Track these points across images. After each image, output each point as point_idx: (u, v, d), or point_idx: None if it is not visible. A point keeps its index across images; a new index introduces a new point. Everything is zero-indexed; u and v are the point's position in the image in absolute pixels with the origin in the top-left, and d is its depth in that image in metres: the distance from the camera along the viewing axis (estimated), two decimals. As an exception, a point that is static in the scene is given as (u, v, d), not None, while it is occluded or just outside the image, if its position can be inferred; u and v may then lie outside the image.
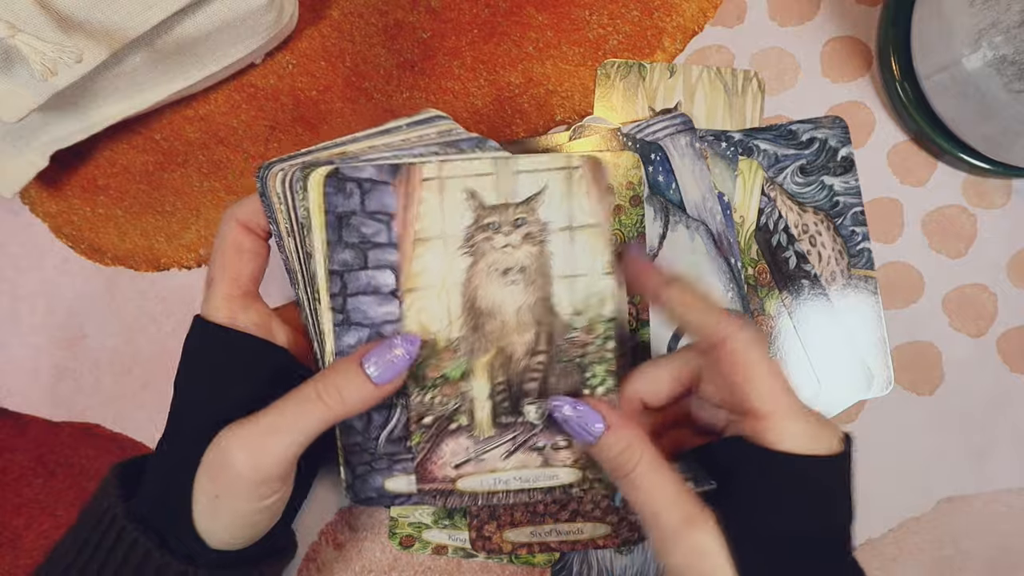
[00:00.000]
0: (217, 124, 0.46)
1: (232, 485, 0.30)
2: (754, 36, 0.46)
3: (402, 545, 0.42)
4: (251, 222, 0.35)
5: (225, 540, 0.32)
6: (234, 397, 0.33)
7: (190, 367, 0.35)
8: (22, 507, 0.45)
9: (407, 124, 0.36)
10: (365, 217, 0.33)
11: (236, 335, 0.34)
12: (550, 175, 0.34)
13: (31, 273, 0.47)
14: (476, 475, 0.36)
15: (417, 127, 0.36)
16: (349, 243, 0.33)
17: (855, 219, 0.43)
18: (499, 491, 0.36)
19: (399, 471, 0.35)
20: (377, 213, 0.33)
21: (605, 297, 0.35)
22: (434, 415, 0.35)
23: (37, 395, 0.46)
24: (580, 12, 0.46)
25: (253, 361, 0.34)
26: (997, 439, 0.44)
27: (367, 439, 0.35)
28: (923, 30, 0.42)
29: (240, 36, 0.42)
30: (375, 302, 0.34)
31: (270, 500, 0.31)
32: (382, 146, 0.35)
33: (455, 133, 0.36)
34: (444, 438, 0.35)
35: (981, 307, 0.45)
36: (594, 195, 0.34)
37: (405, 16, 0.46)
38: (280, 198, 0.33)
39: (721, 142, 0.43)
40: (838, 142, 0.43)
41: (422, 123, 0.36)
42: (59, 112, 0.42)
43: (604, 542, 0.41)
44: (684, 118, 0.42)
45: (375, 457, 0.35)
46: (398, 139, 0.35)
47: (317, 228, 0.33)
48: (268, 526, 0.33)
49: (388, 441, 0.35)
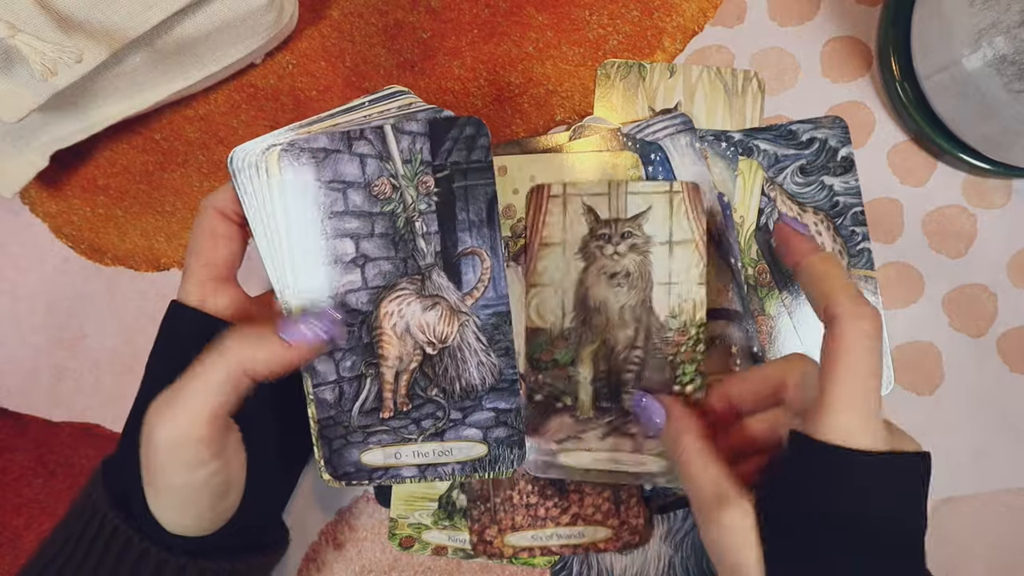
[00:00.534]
0: (217, 124, 0.46)
1: (156, 456, 0.30)
2: (754, 36, 0.46)
3: (402, 546, 0.42)
4: (226, 208, 0.35)
5: (176, 521, 0.31)
6: None
7: (158, 348, 0.35)
8: (22, 507, 0.45)
9: (369, 101, 0.36)
10: (322, 187, 0.33)
11: (201, 317, 0.34)
12: (655, 197, 0.39)
13: (31, 273, 0.47)
14: (575, 451, 0.39)
15: (379, 103, 0.36)
16: (308, 215, 0.34)
17: (855, 219, 0.43)
18: (593, 470, 0.39)
19: (374, 443, 0.36)
20: (333, 182, 0.33)
21: (697, 304, 0.39)
22: (543, 394, 0.40)
23: (37, 395, 0.46)
24: (580, 12, 0.46)
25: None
26: (997, 439, 0.44)
27: (340, 412, 0.35)
28: (923, 30, 0.42)
29: (240, 36, 0.42)
30: (338, 271, 0.34)
31: (200, 473, 0.30)
32: (345, 123, 0.35)
33: (415, 107, 0.36)
34: (551, 415, 0.40)
35: (981, 307, 0.45)
36: (691, 215, 0.39)
37: (405, 16, 0.46)
38: (248, 180, 0.34)
39: (721, 142, 0.43)
40: (838, 142, 0.43)
41: (383, 99, 0.36)
42: (59, 112, 0.42)
43: (605, 545, 0.41)
44: (684, 118, 0.42)
45: (349, 431, 0.35)
46: (360, 115, 0.36)
47: (277, 203, 0.33)
48: (215, 507, 0.32)
49: (361, 413, 0.35)
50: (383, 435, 0.36)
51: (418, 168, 0.34)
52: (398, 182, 0.34)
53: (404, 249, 0.34)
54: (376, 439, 0.36)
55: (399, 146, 0.34)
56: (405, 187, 0.34)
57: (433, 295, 0.35)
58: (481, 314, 0.35)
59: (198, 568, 0.32)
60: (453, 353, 0.35)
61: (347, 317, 0.34)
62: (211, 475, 0.31)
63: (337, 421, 0.35)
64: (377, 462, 0.36)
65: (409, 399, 0.35)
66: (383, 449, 0.36)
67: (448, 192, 0.34)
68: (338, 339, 0.34)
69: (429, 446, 0.36)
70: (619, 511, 0.41)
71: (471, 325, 0.35)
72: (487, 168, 0.34)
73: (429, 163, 0.34)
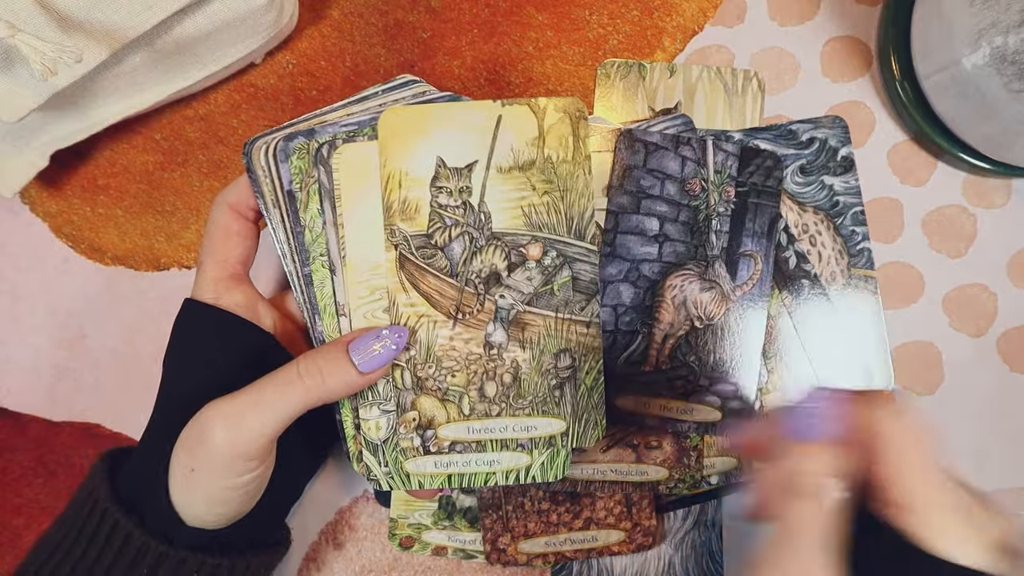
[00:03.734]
0: (217, 124, 0.46)
1: (208, 459, 0.30)
2: (754, 36, 0.46)
3: (402, 546, 0.42)
4: (240, 205, 0.35)
5: (199, 515, 0.32)
6: (212, 373, 0.34)
7: (174, 345, 0.35)
8: (22, 507, 0.45)
9: (383, 90, 0.38)
10: (644, 172, 0.40)
11: (217, 312, 0.34)
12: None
13: (31, 273, 0.47)
14: (578, 463, 0.40)
15: (392, 92, 0.38)
16: (628, 190, 0.39)
17: (855, 219, 0.43)
18: (596, 480, 0.40)
19: (628, 393, 0.40)
20: (655, 171, 0.40)
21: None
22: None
23: (37, 395, 0.46)
24: (580, 12, 0.46)
25: (232, 339, 0.35)
26: (997, 439, 0.44)
27: (609, 359, 0.39)
28: (923, 30, 0.42)
29: (240, 36, 0.42)
30: (639, 242, 0.39)
31: (245, 478, 0.31)
32: (359, 112, 0.37)
33: (429, 94, 0.37)
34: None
35: (981, 307, 0.45)
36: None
37: (405, 16, 0.46)
38: (265, 171, 0.35)
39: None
40: (838, 142, 0.43)
41: (397, 87, 0.38)
42: (59, 112, 0.42)
43: (619, 548, 0.41)
44: (684, 118, 0.42)
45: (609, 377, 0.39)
46: (375, 104, 0.37)
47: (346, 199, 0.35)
48: (243, 507, 0.33)
49: (626, 363, 0.39)
50: (637, 386, 0.40)
51: (725, 179, 0.41)
52: (707, 186, 0.40)
53: (698, 238, 0.41)
54: (630, 388, 0.40)
55: (715, 158, 0.41)
56: (712, 191, 0.40)
57: (712, 280, 0.40)
58: (744, 305, 0.41)
59: (198, 562, 0.32)
60: (715, 331, 0.41)
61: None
62: (252, 480, 0.32)
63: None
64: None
65: (669, 360, 0.40)
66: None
67: (743, 204, 0.41)
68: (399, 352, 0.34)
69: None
70: (631, 513, 0.41)
71: (735, 312, 0.41)
72: (776, 194, 0.41)
73: (734, 178, 0.41)
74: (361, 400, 0.35)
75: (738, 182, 0.41)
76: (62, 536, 0.32)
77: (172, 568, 0.31)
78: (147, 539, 0.31)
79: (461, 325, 0.35)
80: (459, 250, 0.35)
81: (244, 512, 0.33)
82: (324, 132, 0.35)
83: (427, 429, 0.35)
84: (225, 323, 0.34)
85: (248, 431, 0.30)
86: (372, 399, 0.35)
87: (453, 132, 0.35)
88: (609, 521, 0.41)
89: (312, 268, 0.35)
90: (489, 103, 0.35)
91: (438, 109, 0.35)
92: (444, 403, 0.35)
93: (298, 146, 0.35)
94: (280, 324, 0.37)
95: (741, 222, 0.41)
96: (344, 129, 0.35)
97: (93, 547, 0.31)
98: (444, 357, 0.35)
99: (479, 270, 0.35)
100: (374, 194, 0.35)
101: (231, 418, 0.30)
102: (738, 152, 0.41)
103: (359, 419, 0.36)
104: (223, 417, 0.30)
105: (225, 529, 0.33)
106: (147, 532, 0.31)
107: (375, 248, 0.35)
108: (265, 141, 0.35)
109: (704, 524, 0.42)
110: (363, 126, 0.35)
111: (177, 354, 0.35)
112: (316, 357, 0.32)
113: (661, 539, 0.42)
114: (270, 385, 0.31)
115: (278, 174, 0.35)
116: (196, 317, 0.35)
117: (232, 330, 0.35)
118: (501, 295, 0.35)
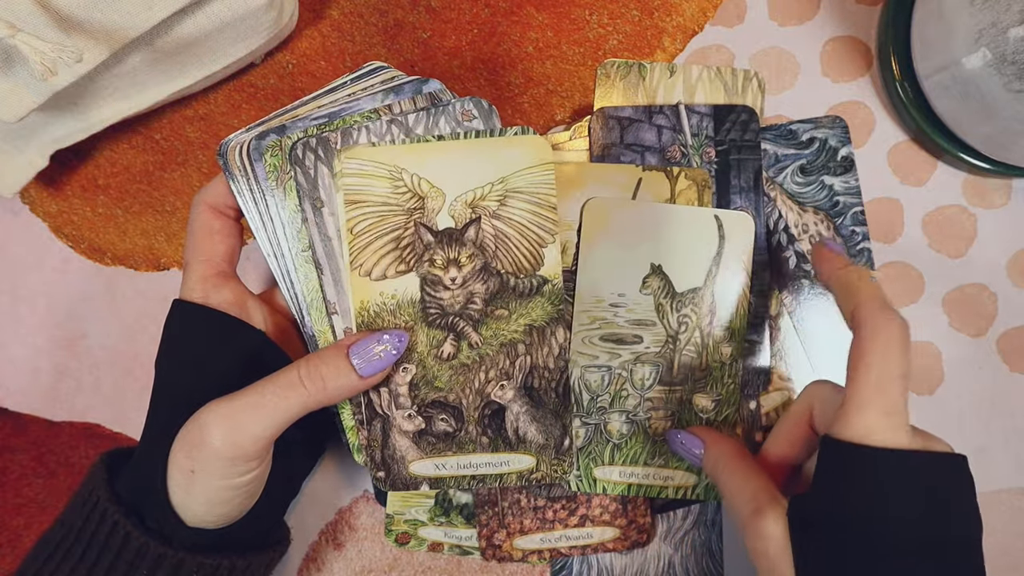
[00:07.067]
0: (217, 124, 0.46)
1: (207, 461, 0.30)
2: (754, 36, 0.46)
3: (398, 542, 0.42)
4: (219, 203, 0.36)
5: (200, 516, 0.32)
6: (205, 372, 0.34)
7: (166, 346, 0.35)
8: (22, 507, 0.45)
9: (351, 79, 0.38)
10: (623, 148, 0.40)
11: (207, 311, 0.34)
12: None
13: (31, 273, 0.47)
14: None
15: (361, 80, 0.38)
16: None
17: (855, 219, 0.43)
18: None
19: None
20: (634, 145, 0.40)
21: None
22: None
23: (37, 395, 0.46)
24: (580, 12, 0.46)
25: (223, 337, 0.35)
26: (997, 439, 0.44)
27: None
28: (923, 30, 0.42)
29: (240, 36, 0.42)
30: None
31: (244, 479, 0.31)
32: (329, 103, 0.37)
33: (398, 79, 0.38)
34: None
35: (981, 307, 0.45)
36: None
37: (405, 16, 0.46)
38: (241, 170, 0.35)
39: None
40: (838, 142, 0.43)
41: (365, 75, 0.39)
42: (59, 112, 0.42)
43: (613, 545, 0.41)
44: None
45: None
46: (344, 95, 0.38)
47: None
48: (243, 506, 0.33)
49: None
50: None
51: (703, 141, 0.41)
52: (687, 150, 0.41)
53: None
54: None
55: (689, 122, 0.40)
56: (692, 155, 0.41)
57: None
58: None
59: (197, 562, 0.32)
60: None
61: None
62: (251, 480, 0.32)
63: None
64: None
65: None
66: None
67: (725, 162, 0.41)
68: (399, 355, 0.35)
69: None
70: (626, 511, 0.41)
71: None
72: (756, 146, 0.41)
73: (712, 138, 0.41)
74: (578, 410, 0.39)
75: (716, 141, 0.41)
76: (61, 536, 0.32)
77: (172, 568, 0.31)
78: (146, 539, 0.31)
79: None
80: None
81: (244, 511, 0.33)
82: (295, 127, 0.36)
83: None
84: (215, 322, 0.34)
85: (247, 434, 0.30)
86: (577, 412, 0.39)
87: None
88: (604, 518, 0.41)
89: (296, 264, 0.35)
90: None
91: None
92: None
93: (271, 144, 0.35)
94: (271, 319, 0.37)
95: (727, 180, 0.41)
96: (315, 123, 0.36)
97: (93, 547, 0.31)
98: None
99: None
100: (610, 242, 0.39)
101: (231, 421, 0.30)
102: (712, 112, 0.41)
103: (381, 413, 0.36)
104: (221, 419, 0.30)
105: (224, 529, 0.33)
106: (146, 532, 0.31)
107: (606, 285, 0.39)
108: (239, 140, 0.36)
109: (704, 524, 0.42)
110: (333, 118, 0.36)
111: (169, 355, 0.35)
112: (318, 362, 0.32)
113: (657, 537, 0.42)
114: (270, 388, 0.31)
115: (254, 172, 0.35)
116: (186, 317, 0.35)
117: (222, 328, 0.35)
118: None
